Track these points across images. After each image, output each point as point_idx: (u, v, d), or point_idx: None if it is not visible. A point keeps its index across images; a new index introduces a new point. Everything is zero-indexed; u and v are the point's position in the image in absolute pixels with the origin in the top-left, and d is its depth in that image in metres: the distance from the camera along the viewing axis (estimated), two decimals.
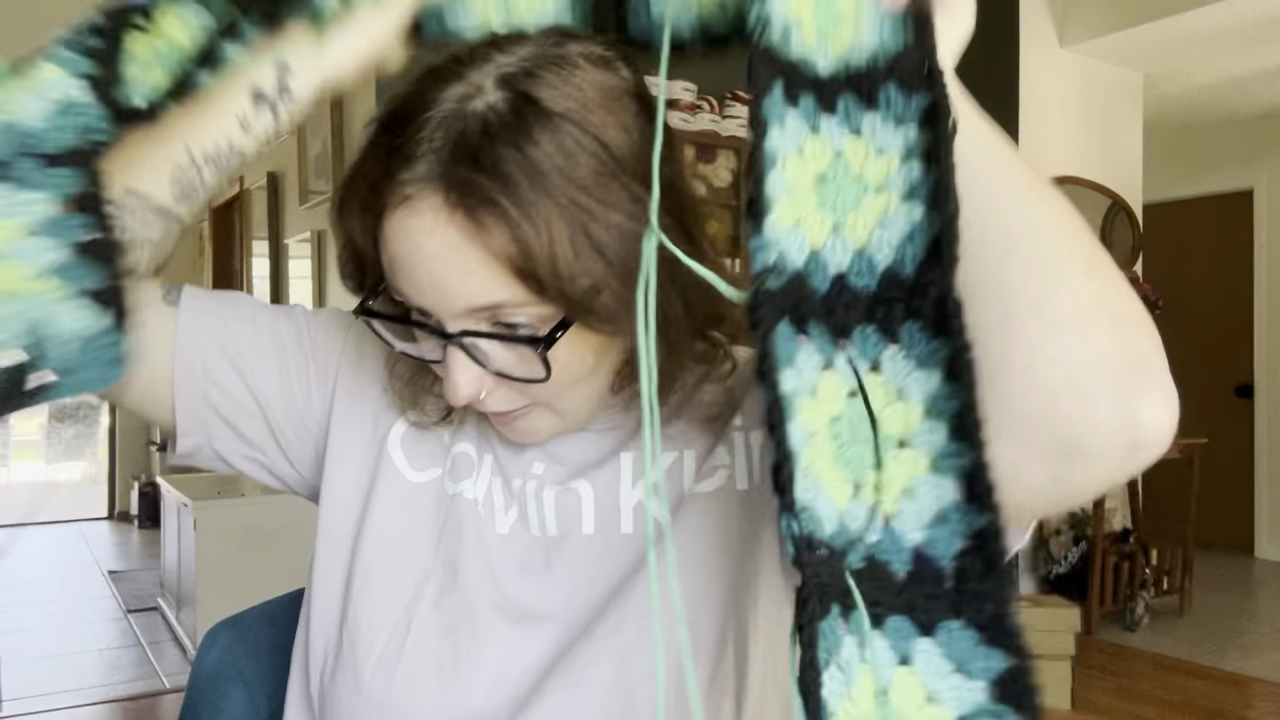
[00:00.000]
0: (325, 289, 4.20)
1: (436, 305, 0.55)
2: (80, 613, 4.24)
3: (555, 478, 0.65)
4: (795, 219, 0.45)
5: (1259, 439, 5.38)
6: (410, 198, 0.53)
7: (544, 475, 0.65)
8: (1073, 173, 4.17)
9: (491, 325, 0.55)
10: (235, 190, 5.57)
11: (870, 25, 0.48)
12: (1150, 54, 4.20)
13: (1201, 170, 5.62)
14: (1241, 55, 4.26)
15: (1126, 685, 3.22)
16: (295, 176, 4.48)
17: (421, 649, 0.63)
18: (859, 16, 0.48)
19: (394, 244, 0.55)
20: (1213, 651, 3.60)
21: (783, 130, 0.46)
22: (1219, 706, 3.04)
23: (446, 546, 0.65)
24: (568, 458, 0.66)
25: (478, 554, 0.65)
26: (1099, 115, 4.30)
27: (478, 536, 0.65)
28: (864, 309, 0.45)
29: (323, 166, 4.09)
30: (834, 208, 0.46)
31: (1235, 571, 5.00)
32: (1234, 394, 5.46)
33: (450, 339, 0.55)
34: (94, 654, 3.63)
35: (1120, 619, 3.87)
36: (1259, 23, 3.81)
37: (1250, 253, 5.44)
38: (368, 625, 0.64)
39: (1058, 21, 4.11)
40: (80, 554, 5.60)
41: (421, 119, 0.54)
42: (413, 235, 0.54)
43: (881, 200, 0.46)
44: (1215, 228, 5.60)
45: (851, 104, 0.47)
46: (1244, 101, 5.05)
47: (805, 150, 0.46)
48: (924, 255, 0.45)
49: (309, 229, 4.33)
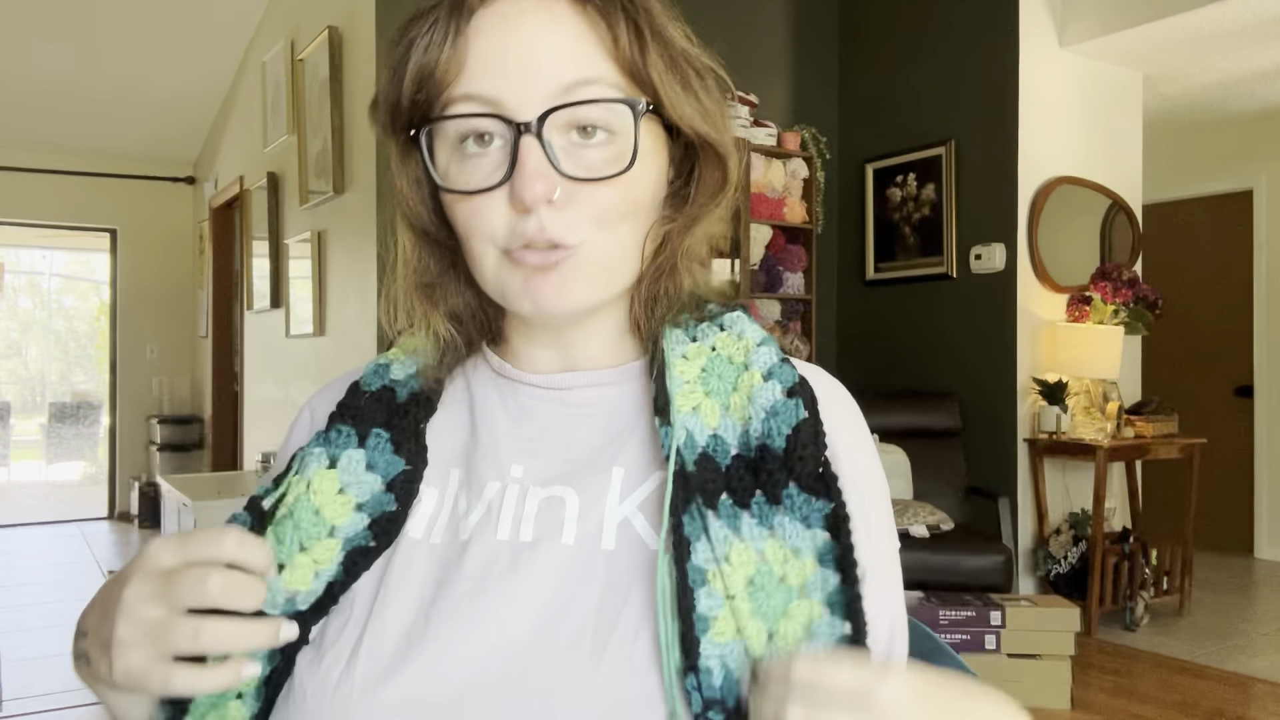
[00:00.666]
0: (325, 289, 4.20)
1: (521, 87, 0.56)
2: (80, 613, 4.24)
3: (539, 478, 0.62)
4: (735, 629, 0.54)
5: (1259, 439, 5.38)
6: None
7: (524, 478, 0.62)
8: (1073, 173, 4.17)
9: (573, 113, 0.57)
10: (235, 190, 5.57)
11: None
12: (1150, 54, 4.20)
13: (1201, 170, 5.62)
14: (1241, 55, 4.27)
15: (1126, 685, 3.22)
16: (295, 176, 4.48)
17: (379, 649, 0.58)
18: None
19: (486, 32, 0.57)
20: (1212, 651, 3.60)
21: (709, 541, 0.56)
22: (1219, 706, 3.04)
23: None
24: (555, 455, 0.63)
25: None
26: (1099, 115, 4.30)
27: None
28: None
29: (323, 166, 4.09)
30: (765, 615, 0.54)
31: (1235, 571, 5.01)
32: (1234, 394, 5.47)
33: (527, 129, 0.56)
34: None
35: (1120, 619, 3.87)
36: (1259, 23, 3.82)
37: (1250, 253, 5.44)
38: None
39: (1058, 21, 4.12)
40: (80, 554, 5.60)
41: None
42: (511, 18, 0.56)
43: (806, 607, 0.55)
44: (1215, 228, 5.60)
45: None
46: (1244, 101, 5.05)
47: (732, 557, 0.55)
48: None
49: (309, 229, 4.33)
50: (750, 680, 0.53)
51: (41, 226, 6.77)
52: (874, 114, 4.63)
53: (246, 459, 5.40)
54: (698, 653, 0.52)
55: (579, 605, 0.56)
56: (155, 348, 6.85)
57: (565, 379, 0.65)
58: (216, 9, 5.00)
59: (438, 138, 0.59)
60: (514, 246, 0.58)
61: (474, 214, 0.58)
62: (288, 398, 4.71)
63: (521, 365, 0.66)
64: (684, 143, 0.63)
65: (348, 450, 0.62)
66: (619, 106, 0.57)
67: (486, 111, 0.56)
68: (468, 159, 0.58)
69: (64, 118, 5.93)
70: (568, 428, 0.64)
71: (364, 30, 3.72)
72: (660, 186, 0.63)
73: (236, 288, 5.87)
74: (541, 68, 0.56)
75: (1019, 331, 4.03)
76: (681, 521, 0.55)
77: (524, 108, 0.56)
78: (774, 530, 0.56)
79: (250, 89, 5.34)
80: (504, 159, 0.57)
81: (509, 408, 0.65)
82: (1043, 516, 4.01)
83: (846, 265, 4.74)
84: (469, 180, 0.58)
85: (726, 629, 0.53)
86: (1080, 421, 3.99)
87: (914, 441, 3.92)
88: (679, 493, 0.57)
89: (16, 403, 9.77)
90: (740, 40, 4.46)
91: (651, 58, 0.58)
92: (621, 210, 0.59)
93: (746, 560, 0.55)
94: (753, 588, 0.54)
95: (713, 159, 0.63)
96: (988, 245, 4.10)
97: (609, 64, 0.57)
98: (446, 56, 0.57)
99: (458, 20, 0.57)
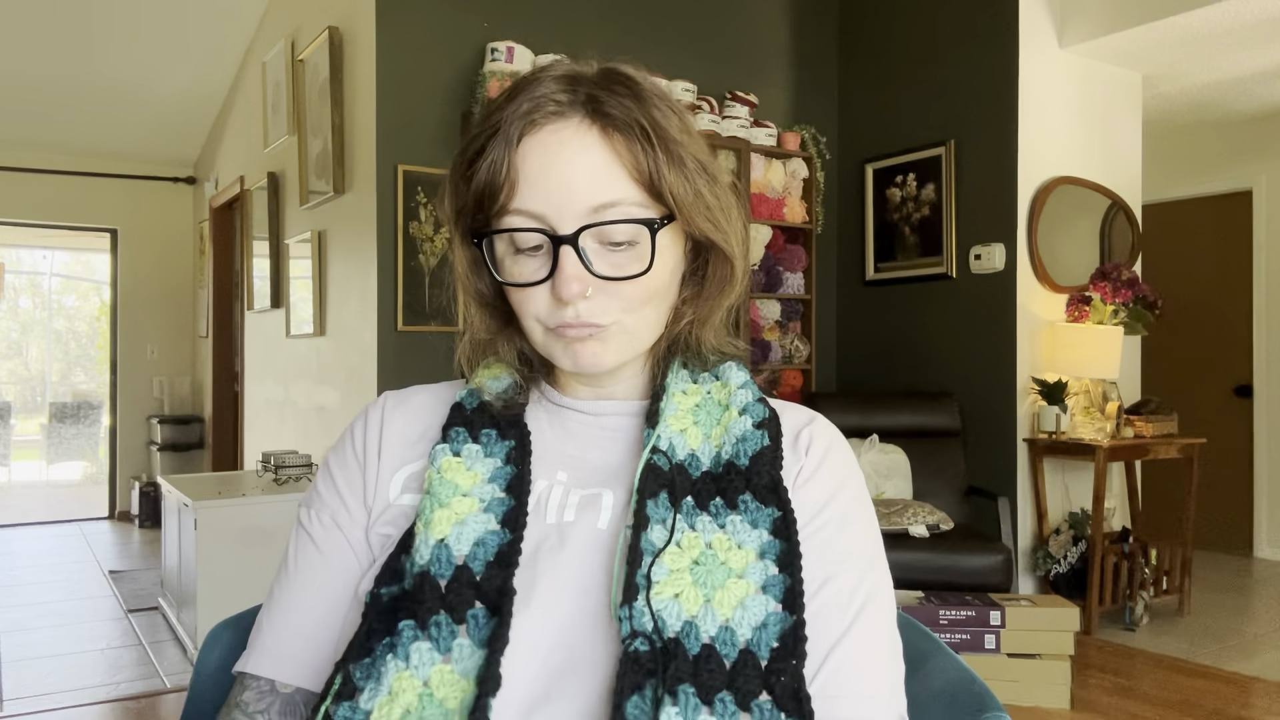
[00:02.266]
0: (325, 289, 4.20)
1: (560, 207, 0.69)
2: (81, 612, 4.25)
3: (579, 482, 0.76)
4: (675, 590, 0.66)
5: (1259, 439, 5.38)
6: (556, 114, 0.70)
7: (568, 481, 0.76)
8: (1072, 173, 4.17)
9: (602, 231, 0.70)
10: (236, 190, 5.57)
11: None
12: (1149, 54, 4.20)
13: (1201, 170, 5.63)
14: (1241, 55, 4.27)
15: (1126, 685, 3.23)
16: (295, 176, 4.48)
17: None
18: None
19: (531, 158, 0.70)
20: (1212, 651, 3.60)
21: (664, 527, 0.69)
22: (1219, 706, 3.04)
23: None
24: (592, 465, 0.77)
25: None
26: (1098, 115, 4.30)
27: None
28: (726, 677, 0.62)
29: (323, 166, 4.09)
30: (705, 584, 0.66)
31: (1235, 571, 5.01)
32: (1233, 394, 5.47)
33: (566, 241, 0.69)
34: (95, 654, 3.63)
35: (1120, 619, 3.88)
36: (1259, 23, 3.82)
37: (1250, 253, 5.44)
38: None
39: (1057, 22, 4.12)
40: (81, 554, 5.60)
41: (542, 76, 0.73)
42: (552, 147, 0.69)
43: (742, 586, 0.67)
44: (1215, 228, 5.60)
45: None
46: (1244, 101, 5.05)
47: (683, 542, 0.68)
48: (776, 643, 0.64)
49: (309, 229, 4.33)
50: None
51: (42, 226, 6.77)
52: (874, 114, 4.63)
53: (247, 459, 5.40)
54: (634, 595, 0.64)
55: (605, 570, 0.70)
56: (156, 348, 6.85)
57: (602, 406, 0.80)
58: (217, 9, 5.01)
59: (497, 239, 0.73)
60: (554, 325, 0.72)
61: (525, 300, 0.73)
62: (288, 397, 4.71)
63: (567, 394, 0.81)
64: (694, 242, 0.78)
65: (466, 445, 0.77)
66: (639, 227, 0.70)
67: (534, 227, 0.70)
68: (519, 258, 0.72)
69: (64, 118, 5.93)
70: (603, 445, 0.78)
71: (364, 30, 3.72)
72: (678, 271, 0.77)
73: (237, 288, 5.87)
74: (576, 190, 0.69)
75: (1019, 331, 4.03)
76: (645, 503, 0.69)
77: (563, 223, 0.69)
78: (724, 527, 0.69)
79: (251, 89, 5.34)
80: (548, 261, 0.71)
81: (555, 428, 0.80)
82: (1042, 516, 4.01)
83: (846, 265, 4.75)
84: (521, 274, 0.73)
85: (665, 590, 0.65)
86: (1080, 421, 3.99)
87: (914, 441, 3.93)
88: (650, 483, 0.71)
89: (17, 403, 9.77)
90: (740, 40, 4.47)
91: (668, 178, 0.70)
92: (643, 299, 0.73)
93: (694, 546, 0.68)
94: (696, 566, 0.67)
95: (722, 257, 0.77)
96: (987, 245, 4.10)
97: (632, 185, 0.70)
98: (503, 178, 0.70)
99: (509, 148, 0.70)
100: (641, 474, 0.71)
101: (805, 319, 4.53)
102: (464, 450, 0.76)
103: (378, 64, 3.61)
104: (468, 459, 0.75)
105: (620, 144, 0.70)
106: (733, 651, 0.63)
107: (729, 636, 0.64)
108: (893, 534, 3.37)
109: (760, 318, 4.41)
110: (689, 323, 0.79)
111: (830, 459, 0.77)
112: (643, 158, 0.70)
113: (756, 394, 0.79)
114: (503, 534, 0.69)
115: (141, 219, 6.76)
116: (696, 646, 0.63)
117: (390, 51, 3.63)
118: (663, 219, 0.71)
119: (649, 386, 0.81)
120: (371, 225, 3.66)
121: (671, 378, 0.79)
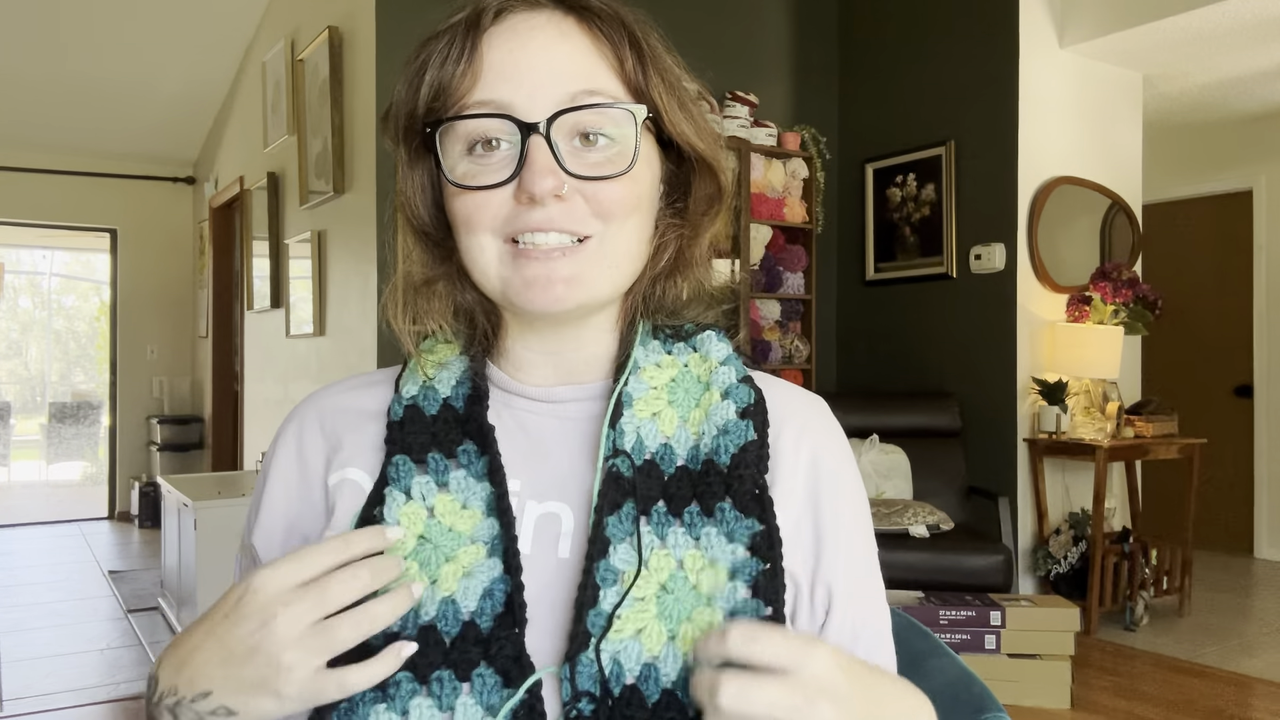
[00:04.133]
0: (325, 289, 4.20)
1: (531, 95, 0.59)
2: (81, 613, 4.24)
3: (535, 492, 0.65)
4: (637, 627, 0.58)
5: (1259, 439, 5.38)
6: (527, 3, 0.62)
7: (522, 491, 0.65)
8: (1073, 173, 4.17)
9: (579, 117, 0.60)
10: (235, 190, 5.57)
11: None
12: (1149, 54, 4.20)
13: (1201, 170, 5.63)
14: (1241, 55, 4.27)
15: (1126, 685, 3.22)
16: (295, 176, 4.48)
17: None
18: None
19: (498, 44, 0.61)
20: (1213, 651, 3.60)
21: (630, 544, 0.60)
22: (1219, 706, 3.04)
23: None
24: (549, 467, 0.66)
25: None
26: (1098, 115, 4.30)
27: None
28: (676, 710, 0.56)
29: (323, 166, 4.09)
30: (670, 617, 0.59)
31: (1235, 571, 5.01)
32: (1234, 394, 5.47)
33: (535, 130, 0.59)
34: (94, 654, 3.63)
35: (1120, 619, 3.87)
36: (1258, 23, 3.82)
37: (1250, 253, 5.44)
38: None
39: (1057, 22, 4.12)
40: (81, 554, 5.60)
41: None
42: (522, 32, 0.61)
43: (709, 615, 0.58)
44: (1215, 228, 5.60)
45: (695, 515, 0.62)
46: (1244, 101, 5.05)
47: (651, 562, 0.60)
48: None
49: (309, 229, 4.33)
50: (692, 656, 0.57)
51: (41, 226, 6.77)
52: (874, 114, 4.63)
53: (247, 459, 5.40)
54: (583, 646, 0.57)
55: (566, 604, 0.62)
56: (155, 348, 6.85)
57: (559, 392, 0.67)
58: (217, 9, 5.00)
59: (449, 140, 0.62)
60: (516, 233, 0.61)
61: (478, 207, 0.61)
62: (288, 397, 4.71)
63: (520, 377, 0.68)
64: (675, 158, 0.67)
65: (452, 473, 0.64)
66: (621, 114, 0.61)
67: (498, 113, 0.60)
68: (476, 161, 0.61)
69: (64, 118, 5.93)
70: (561, 441, 0.67)
71: (364, 30, 3.72)
72: (657, 188, 0.67)
73: (237, 288, 5.87)
74: (550, 76, 0.60)
75: (1019, 331, 4.03)
76: (605, 522, 0.60)
77: (533, 111, 0.59)
78: (699, 541, 0.60)
79: (250, 89, 5.34)
80: (512, 159, 0.60)
81: (504, 422, 0.67)
82: (1043, 516, 4.01)
83: (846, 265, 4.74)
84: (477, 178, 0.61)
85: (627, 627, 0.57)
86: (1080, 421, 3.99)
87: (914, 441, 3.92)
88: (611, 494, 0.61)
89: (17, 403, 9.77)
90: (740, 40, 4.46)
91: (652, 77, 0.63)
92: (627, 205, 0.62)
93: (665, 567, 0.59)
94: (663, 592, 0.59)
95: (706, 172, 0.67)
96: (988, 245, 4.10)
97: (613, 79, 0.62)
98: (462, 69, 0.61)
99: (474, 36, 0.61)
100: (600, 487, 0.61)
101: (805, 319, 4.53)
102: (451, 480, 0.63)
103: (378, 64, 3.61)
104: (457, 491, 0.63)
105: (600, 35, 0.62)
106: (685, 693, 0.56)
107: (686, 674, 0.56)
108: (893, 534, 3.37)
109: (760, 318, 4.41)
110: (673, 257, 0.68)
111: (820, 452, 0.68)
112: (627, 53, 0.62)
113: (741, 371, 0.67)
114: (506, 581, 0.60)
115: (141, 219, 6.76)
116: (656, 693, 0.56)
117: (390, 51, 3.63)
118: (649, 115, 0.62)
119: (614, 360, 0.68)
120: (371, 225, 3.66)
121: (640, 349, 0.67)
